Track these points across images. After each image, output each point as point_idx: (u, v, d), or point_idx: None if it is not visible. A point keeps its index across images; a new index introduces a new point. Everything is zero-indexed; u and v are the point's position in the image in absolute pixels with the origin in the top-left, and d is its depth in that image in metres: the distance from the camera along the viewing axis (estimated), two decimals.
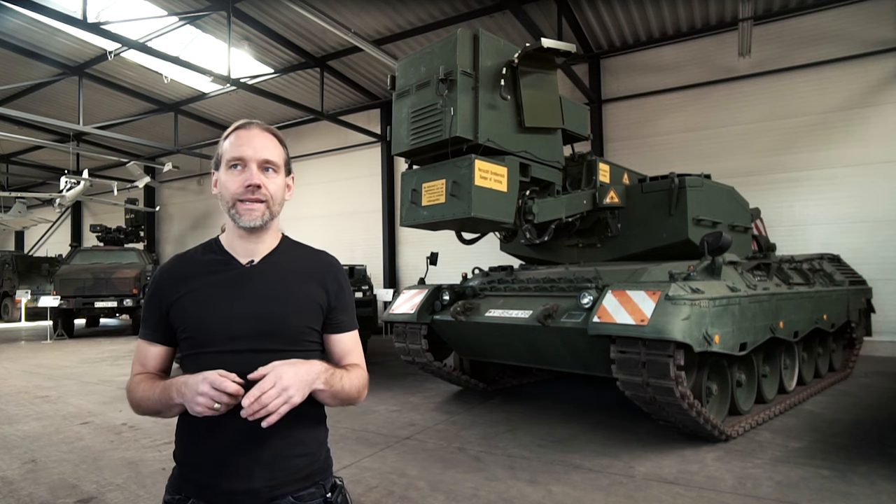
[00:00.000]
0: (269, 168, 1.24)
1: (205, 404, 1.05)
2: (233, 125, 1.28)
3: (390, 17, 9.64)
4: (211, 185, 1.32)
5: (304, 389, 1.11)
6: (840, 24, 8.75)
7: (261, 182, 1.21)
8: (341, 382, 1.21)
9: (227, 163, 1.23)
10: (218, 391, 1.04)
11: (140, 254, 13.62)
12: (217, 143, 1.30)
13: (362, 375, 1.31)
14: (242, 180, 1.21)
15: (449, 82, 4.23)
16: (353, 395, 1.25)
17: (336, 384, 1.19)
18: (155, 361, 1.28)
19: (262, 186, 1.21)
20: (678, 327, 3.48)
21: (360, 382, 1.29)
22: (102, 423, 4.91)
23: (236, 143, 1.23)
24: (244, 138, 1.23)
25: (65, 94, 12.73)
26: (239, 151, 1.22)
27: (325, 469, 1.28)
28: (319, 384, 1.15)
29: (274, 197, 1.24)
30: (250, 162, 1.21)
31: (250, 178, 1.20)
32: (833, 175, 8.79)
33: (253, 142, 1.22)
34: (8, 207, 17.73)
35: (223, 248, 1.29)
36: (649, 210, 5.32)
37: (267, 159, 1.23)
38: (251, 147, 1.22)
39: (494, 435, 4.38)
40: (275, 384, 1.06)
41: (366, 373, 1.34)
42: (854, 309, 6.60)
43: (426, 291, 5.34)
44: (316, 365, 1.16)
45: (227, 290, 1.23)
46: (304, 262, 1.32)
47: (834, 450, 3.89)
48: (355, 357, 1.35)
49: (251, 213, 1.22)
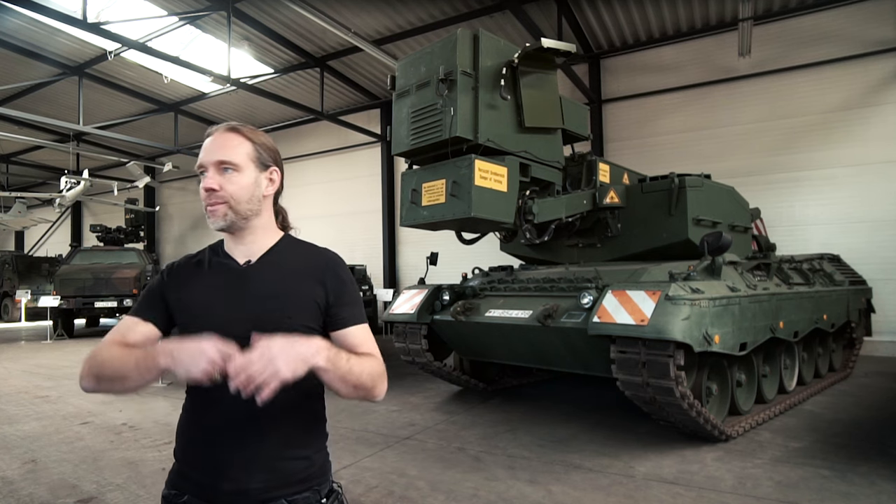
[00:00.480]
0: (228, 168, 1.21)
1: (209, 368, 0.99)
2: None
3: (390, 17, 9.64)
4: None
5: (295, 364, 1.01)
6: (840, 24, 8.76)
7: (214, 184, 1.20)
8: (349, 364, 1.12)
9: (196, 169, 1.25)
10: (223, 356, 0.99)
11: (140, 254, 13.61)
12: None
13: (377, 364, 1.21)
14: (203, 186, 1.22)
15: (449, 82, 4.23)
16: (367, 382, 1.16)
17: (342, 365, 1.10)
18: (137, 336, 1.21)
19: (219, 188, 1.20)
20: (678, 327, 3.48)
21: (375, 370, 1.19)
22: (102, 423, 4.91)
23: (202, 151, 1.24)
24: (206, 144, 1.24)
25: (65, 94, 12.74)
26: (200, 158, 1.23)
27: (322, 474, 1.26)
28: (319, 361, 1.05)
29: (235, 196, 1.21)
30: (208, 167, 1.22)
31: (205, 181, 1.21)
32: (833, 175, 8.79)
33: (210, 145, 1.23)
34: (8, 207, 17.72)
35: (224, 250, 1.30)
36: (649, 210, 5.32)
37: (220, 160, 1.21)
38: (207, 151, 1.23)
39: (494, 435, 4.38)
40: (262, 354, 0.99)
41: (382, 364, 1.23)
42: (854, 309, 6.60)
43: (426, 291, 5.34)
44: (316, 341, 1.07)
45: (223, 291, 1.23)
46: (303, 259, 1.30)
47: (834, 450, 3.89)
48: (367, 348, 1.26)
49: (213, 215, 1.22)
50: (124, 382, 1.10)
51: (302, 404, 1.23)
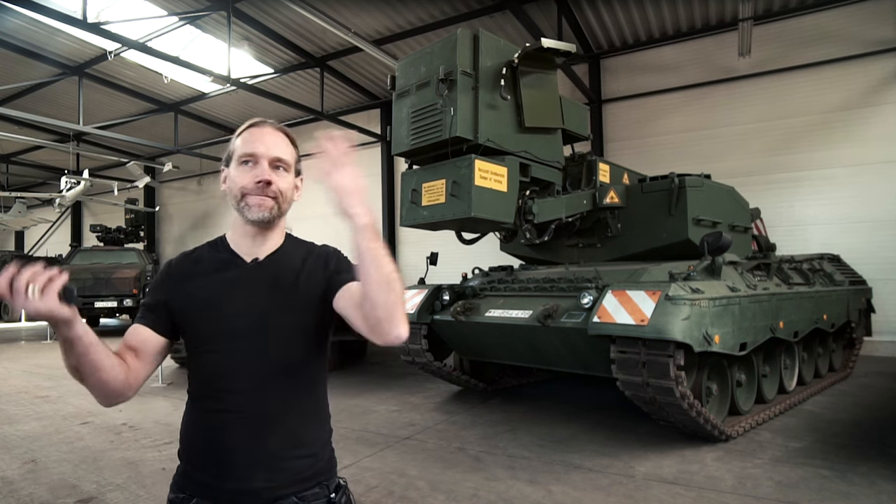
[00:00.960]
0: (280, 166, 1.24)
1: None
2: (246, 122, 1.28)
3: (390, 17, 9.64)
4: (220, 181, 1.31)
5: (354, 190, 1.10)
6: (840, 24, 8.76)
7: (272, 178, 1.21)
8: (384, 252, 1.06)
9: (238, 159, 1.23)
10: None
11: (140, 254, 13.61)
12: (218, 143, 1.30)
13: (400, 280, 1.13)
14: (253, 176, 1.21)
15: (449, 82, 4.23)
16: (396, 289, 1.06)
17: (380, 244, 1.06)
18: (134, 339, 1.22)
19: (273, 183, 1.21)
20: (678, 327, 3.48)
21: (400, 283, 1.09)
22: (102, 423, 4.91)
23: (249, 140, 1.23)
24: (256, 135, 1.23)
25: (65, 94, 12.73)
26: (251, 148, 1.22)
27: (329, 469, 1.26)
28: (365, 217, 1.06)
29: (284, 194, 1.24)
30: (262, 159, 1.21)
31: (261, 174, 1.20)
32: (833, 175, 8.79)
33: (265, 139, 1.23)
34: (8, 207, 17.72)
35: (228, 246, 1.29)
36: (649, 210, 5.32)
37: (278, 157, 1.23)
38: (263, 144, 1.22)
39: (494, 435, 4.38)
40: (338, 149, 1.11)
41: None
42: (854, 309, 6.60)
43: (426, 291, 5.34)
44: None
45: (229, 289, 1.22)
46: (305, 258, 1.30)
47: (834, 450, 3.89)
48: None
49: (261, 206, 1.21)
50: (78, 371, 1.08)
51: (306, 399, 1.23)
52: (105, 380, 1.09)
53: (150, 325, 1.24)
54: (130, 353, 1.20)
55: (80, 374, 1.07)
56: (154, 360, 1.24)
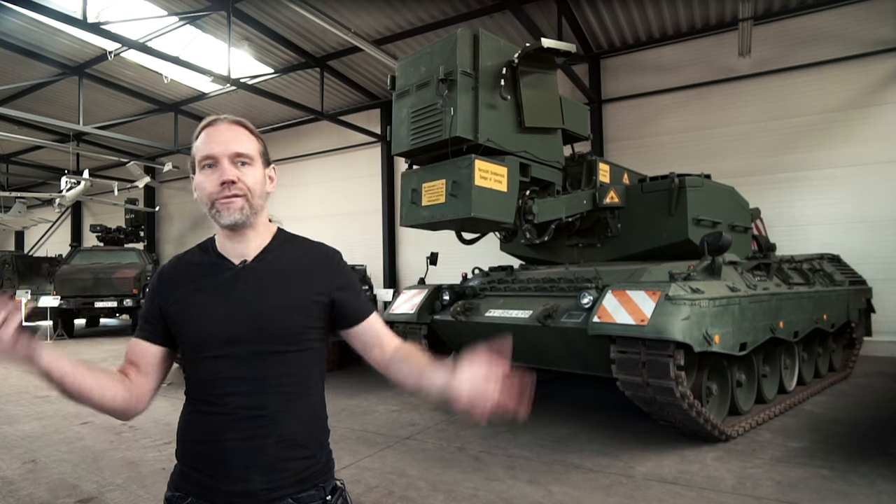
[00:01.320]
0: (243, 161, 1.19)
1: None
2: (200, 124, 1.23)
3: (390, 17, 9.64)
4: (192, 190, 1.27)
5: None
6: (840, 24, 8.75)
7: (235, 176, 1.16)
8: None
9: (199, 163, 1.19)
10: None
11: (140, 254, 13.61)
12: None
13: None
14: (216, 178, 1.17)
15: (449, 82, 4.23)
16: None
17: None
18: (134, 355, 1.23)
19: (238, 180, 1.17)
20: (678, 327, 3.48)
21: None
22: (102, 423, 4.91)
23: (205, 142, 1.19)
24: (212, 135, 1.19)
25: (65, 94, 12.73)
26: (209, 149, 1.18)
27: (326, 471, 1.26)
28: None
29: (252, 190, 1.20)
30: (221, 158, 1.17)
31: (223, 174, 1.16)
32: (833, 175, 8.79)
33: (221, 136, 1.19)
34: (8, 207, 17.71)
35: (216, 249, 1.26)
36: (649, 210, 5.32)
37: (238, 152, 1.18)
38: (219, 142, 1.18)
39: (494, 435, 4.38)
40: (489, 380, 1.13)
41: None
42: (854, 309, 6.60)
43: (426, 291, 5.34)
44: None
45: (220, 293, 1.20)
46: (300, 256, 1.28)
47: (834, 450, 3.89)
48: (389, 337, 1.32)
49: (229, 207, 1.17)
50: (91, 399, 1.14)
51: (304, 401, 1.22)
52: (99, 401, 1.13)
53: (147, 337, 1.24)
54: (133, 369, 1.22)
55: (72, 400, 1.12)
56: (157, 371, 1.25)
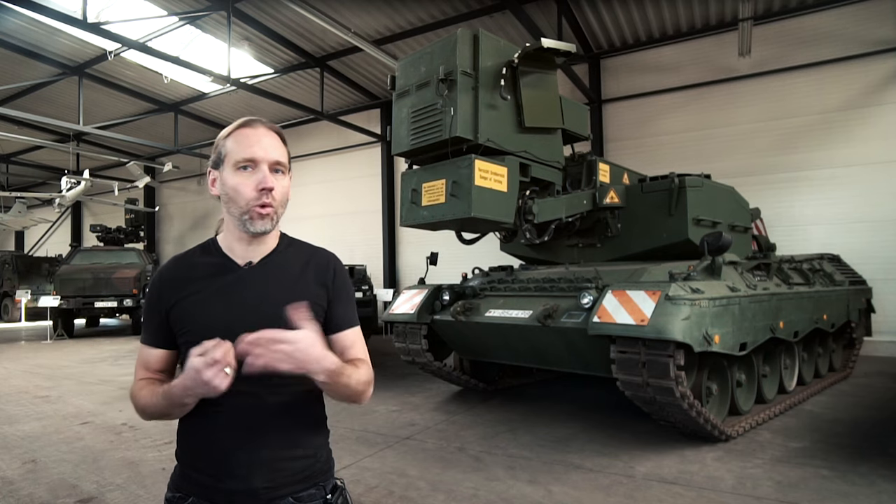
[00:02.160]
0: (279, 170, 1.19)
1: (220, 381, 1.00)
2: (235, 122, 1.21)
3: (390, 17, 9.64)
4: (208, 185, 1.25)
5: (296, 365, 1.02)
6: (840, 24, 8.75)
7: (274, 185, 1.17)
8: (348, 380, 1.14)
9: (235, 164, 1.17)
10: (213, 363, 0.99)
11: (140, 254, 13.62)
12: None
13: (368, 371, 1.25)
14: (255, 182, 1.16)
15: (449, 82, 4.23)
16: (359, 390, 1.19)
17: (342, 380, 1.12)
18: (157, 365, 1.25)
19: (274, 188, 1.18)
20: (678, 327, 3.48)
21: (366, 378, 1.22)
22: (102, 423, 4.91)
23: (245, 143, 1.17)
24: (252, 138, 1.17)
25: (65, 94, 12.73)
26: (250, 152, 1.16)
27: (326, 470, 1.26)
28: (321, 376, 1.08)
29: (283, 200, 1.21)
30: (262, 163, 1.16)
31: (264, 180, 1.15)
32: (833, 175, 8.79)
33: (262, 141, 1.17)
34: (8, 207, 17.73)
35: (221, 249, 1.26)
36: (649, 210, 5.32)
37: (277, 160, 1.18)
38: (262, 148, 1.17)
39: (494, 435, 4.38)
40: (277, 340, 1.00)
41: (371, 370, 1.27)
42: (854, 309, 6.60)
43: (426, 291, 5.34)
44: (330, 357, 1.09)
45: (225, 294, 1.20)
46: (303, 261, 1.29)
47: (834, 450, 3.89)
48: (358, 351, 1.28)
49: (262, 217, 1.17)
50: (172, 416, 1.17)
51: (304, 401, 1.23)
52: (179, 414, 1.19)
53: (159, 344, 1.24)
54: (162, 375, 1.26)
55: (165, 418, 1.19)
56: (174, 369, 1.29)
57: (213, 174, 1.23)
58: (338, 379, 1.11)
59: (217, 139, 1.23)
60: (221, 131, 1.23)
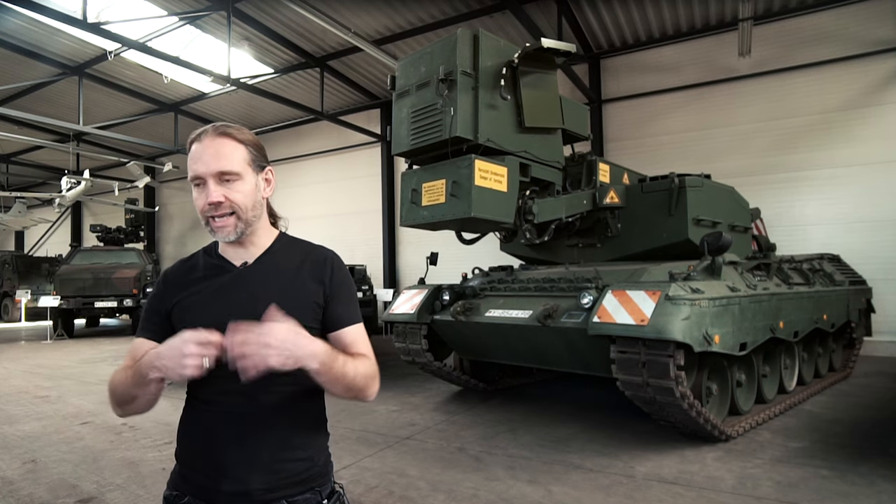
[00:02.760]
0: (228, 178, 1.18)
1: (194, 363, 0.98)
2: (190, 136, 1.21)
3: (390, 17, 9.64)
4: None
5: (286, 359, 0.99)
6: (840, 24, 8.75)
7: (220, 197, 1.16)
8: (344, 368, 1.11)
9: (190, 180, 1.20)
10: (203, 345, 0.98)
11: (140, 254, 13.62)
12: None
13: (370, 365, 1.22)
14: (204, 198, 1.17)
15: (449, 82, 4.23)
16: (360, 384, 1.17)
17: (337, 368, 1.09)
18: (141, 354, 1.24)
19: (225, 199, 1.17)
20: (678, 327, 3.48)
21: (368, 371, 1.20)
22: (102, 423, 4.91)
23: (192, 160, 1.18)
24: (197, 153, 1.18)
25: (65, 94, 12.73)
26: (194, 169, 1.17)
27: (324, 474, 1.26)
28: (312, 363, 1.04)
29: (242, 205, 1.19)
30: (207, 178, 1.17)
31: (209, 195, 1.16)
32: (833, 175, 8.79)
33: (204, 155, 1.17)
34: (8, 207, 17.73)
35: (218, 252, 1.28)
36: (649, 210, 5.32)
37: (220, 171, 1.16)
38: (203, 162, 1.16)
39: (494, 435, 4.38)
40: (260, 336, 0.97)
41: (375, 365, 1.24)
42: (854, 309, 6.60)
43: (426, 291, 5.34)
44: (317, 343, 1.06)
45: (221, 294, 1.21)
46: (301, 259, 1.28)
47: (834, 450, 3.89)
48: (361, 347, 1.26)
49: (222, 229, 1.19)
50: (136, 402, 1.13)
51: (302, 403, 1.22)
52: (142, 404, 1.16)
53: (152, 336, 1.23)
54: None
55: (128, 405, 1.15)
56: None
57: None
58: (332, 366, 1.08)
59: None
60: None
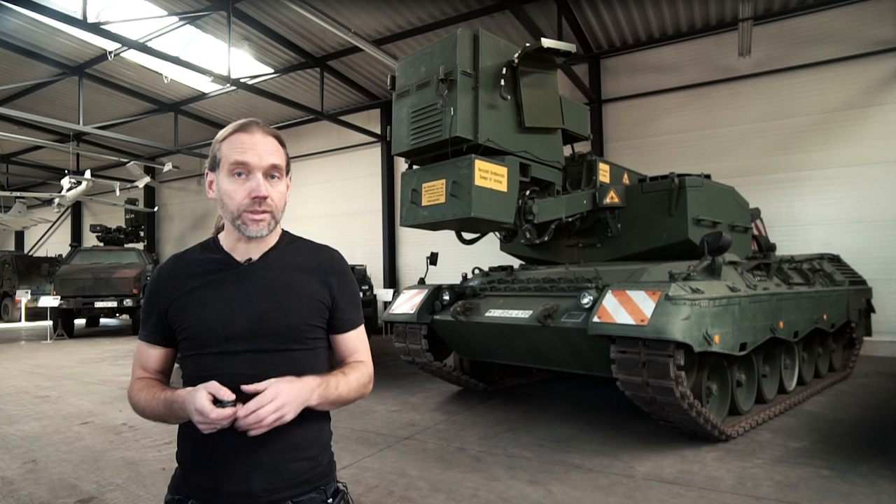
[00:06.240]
0: (274, 175, 1.18)
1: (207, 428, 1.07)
2: (232, 125, 1.19)
3: (390, 17, 9.64)
4: (206, 186, 1.25)
5: (299, 407, 1.11)
6: (840, 24, 8.76)
7: (268, 192, 1.16)
8: (337, 391, 1.20)
9: (229, 169, 1.16)
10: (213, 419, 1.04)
11: (140, 254, 13.62)
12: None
13: (365, 373, 1.30)
14: (247, 190, 1.15)
15: (449, 82, 4.23)
16: (354, 396, 1.25)
17: (332, 395, 1.18)
18: (155, 363, 1.26)
19: (269, 197, 1.16)
20: (678, 327, 3.48)
21: (362, 381, 1.28)
22: (102, 423, 4.91)
23: (239, 148, 1.15)
24: (248, 143, 1.15)
25: (65, 94, 12.74)
26: (243, 157, 1.14)
27: (328, 474, 1.26)
28: (313, 401, 1.14)
29: (279, 205, 1.20)
30: (255, 170, 1.15)
31: (257, 189, 1.14)
32: (833, 175, 8.79)
33: (257, 147, 1.16)
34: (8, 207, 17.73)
35: (221, 247, 1.25)
36: (649, 210, 5.32)
37: (273, 164, 1.17)
38: (255, 153, 1.15)
39: (494, 435, 4.38)
40: (273, 399, 1.06)
41: (370, 368, 1.32)
42: (854, 309, 6.60)
43: (426, 291, 5.34)
44: (309, 382, 1.14)
45: (224, 290, 1.20)
46: (305, 258, 1.28)
47: (834, 450, 3.89)
48: (361, 354, 1.33)
49: (258, 224, 1.17)
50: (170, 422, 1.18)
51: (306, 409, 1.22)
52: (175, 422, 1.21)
53: (157, 341, 1.25)
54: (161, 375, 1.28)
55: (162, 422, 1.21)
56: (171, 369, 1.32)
57: (209, 177, 1.23)
58: (328, 396, 1.18)
59: (214, 141, 1.22)
60: (219, 133, 1.22)
